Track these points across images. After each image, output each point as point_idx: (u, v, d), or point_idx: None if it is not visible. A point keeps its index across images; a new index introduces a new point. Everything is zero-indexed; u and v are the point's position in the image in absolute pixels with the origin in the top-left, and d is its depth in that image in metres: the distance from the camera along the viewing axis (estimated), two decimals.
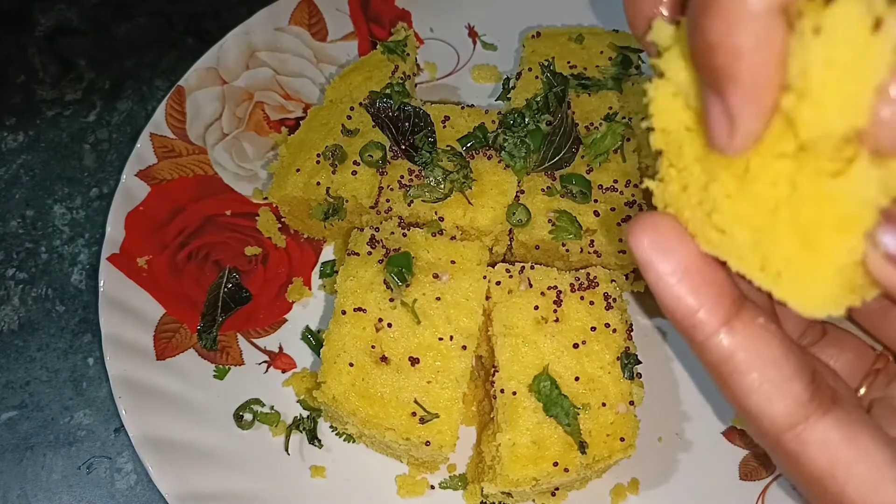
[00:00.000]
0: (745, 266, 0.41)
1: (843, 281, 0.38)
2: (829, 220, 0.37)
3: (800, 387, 0.41)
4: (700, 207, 0.42)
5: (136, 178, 0.91)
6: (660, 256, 0.42)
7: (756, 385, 0.41)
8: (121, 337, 0.82)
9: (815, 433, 0.41)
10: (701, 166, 0.42)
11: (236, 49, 1.01)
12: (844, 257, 0.38)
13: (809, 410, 0.41)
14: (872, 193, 0.36)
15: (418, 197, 0.83)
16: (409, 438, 0.72)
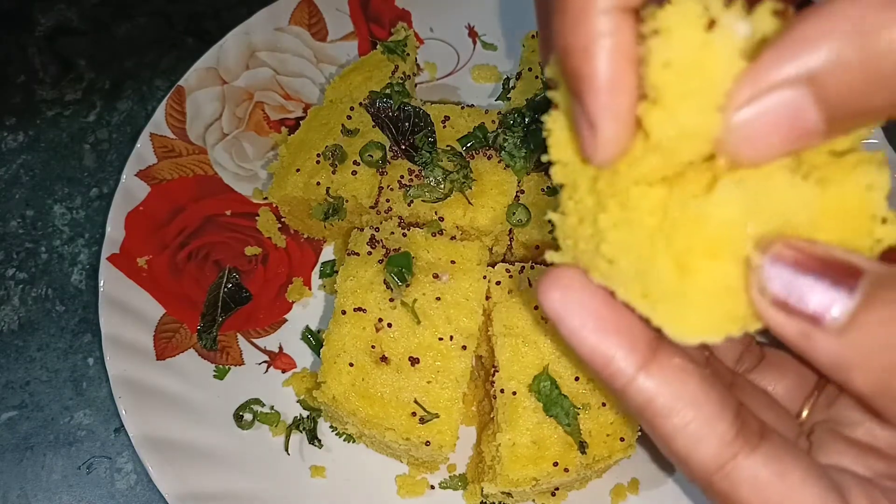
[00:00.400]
0: (630, 295, 0.40)
1: (719, 308, 0.38)
2: (700, 244, 0.37)
3: (724, 426, 0.40)
4: (592, 239, 0.42)
5: (136, 178, 0.91)
6: (570, 311, 0.42)
7: (680, 428, 0.41)
8: (121, 337, 0.82)
9: (743, 472, 0.40)
10: (592, 197, 0.42)
11: (236, 49, 1.01)
12: (716, 283, 0.37)
13: (736, 448, 0.40)
14: (737, 213, 0.36)
15: (418, 197, 0.83)
16: (409, 438, 0.72)
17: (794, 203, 0.37)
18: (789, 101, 0.34)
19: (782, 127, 0.35)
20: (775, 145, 0.35)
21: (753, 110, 0.35)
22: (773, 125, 0.35)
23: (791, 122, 0.35)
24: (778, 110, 0.34)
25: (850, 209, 0.38)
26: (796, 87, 0.34)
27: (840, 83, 0.33)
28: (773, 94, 0.34)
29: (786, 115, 0.34)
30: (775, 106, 0.34)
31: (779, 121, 0.35)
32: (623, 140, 0.38)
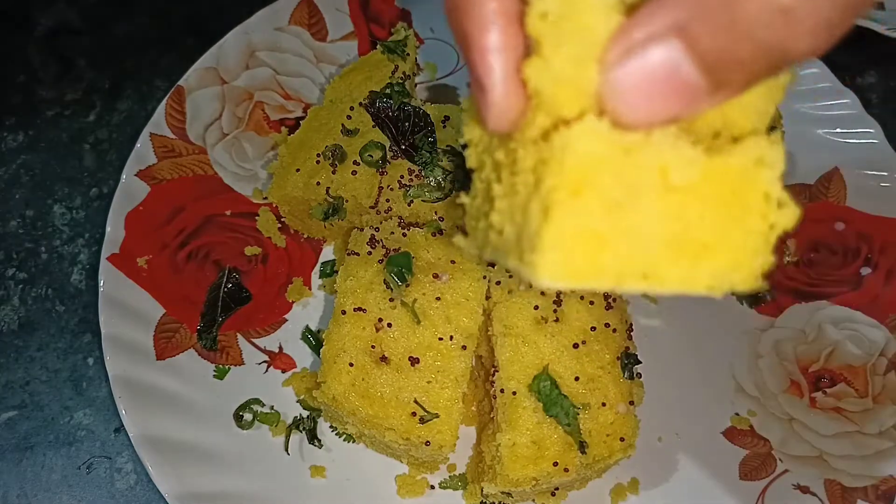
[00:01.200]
0: (510, 260, 0.39)
1: (582, 252, 0.36)
2: (561, 181, 0.35)
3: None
4: (486, 216, 0.41)
5: (136, 178, 0.91)
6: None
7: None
8: (120, 337, 0.82)
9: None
10: (494, 174, 0.41)
11: (236, 49, 1.01)
12: (575, 221, 0.35)
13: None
14: (600, 147, 0.35)
15: (418, 197, 0.83)
16: (409, 438, 0.72)
17: (673, 164, 0.35)
18: (664, 55, 0.33)
19: (661, 83, 0.34)
20: (657, 104, 0.34)
21: (629, 66, 0.34)
22: (651, 81, 0.34)
23: (668, 77, 0.34)
24: (653, 67, 0.34)
25: (737, 181, 0.36)
26: (668, 40, 0.33)
27: (708, 33, 0.32)
28: (646, 49, 0.34)
29: (662, 69, 0.34)
30: (650, 63, 0.34)
31: (655, 76, 0.34)
32: (513, 101, 0.37)
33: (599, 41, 0.35)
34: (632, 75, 0.34)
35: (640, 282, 0.36)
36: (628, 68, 0.34)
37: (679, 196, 0.35)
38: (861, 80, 1.09)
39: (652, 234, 0.36)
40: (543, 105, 0.36)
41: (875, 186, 0.96)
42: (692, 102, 0.35)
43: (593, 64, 0.35)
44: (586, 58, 0.35)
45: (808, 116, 1.00)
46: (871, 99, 1.06)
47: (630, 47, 0.34)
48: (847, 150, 0.99)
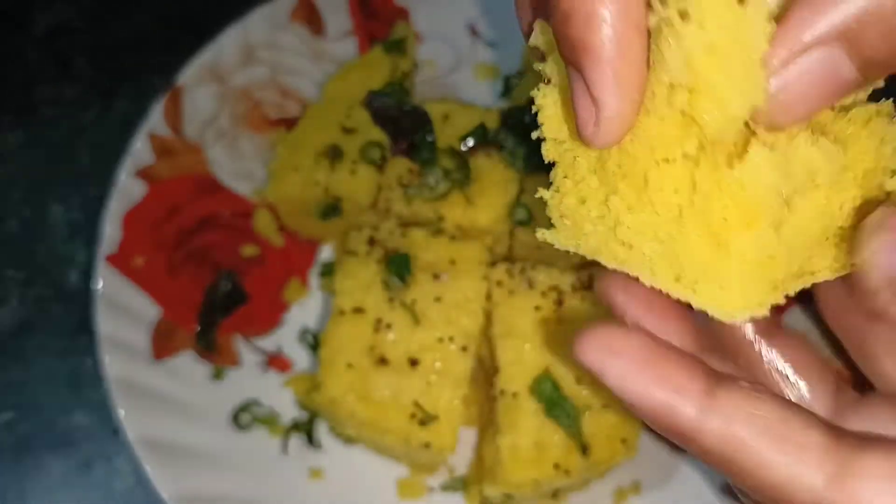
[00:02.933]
0: (659, 279, 0.38)
1: (762, 278, 0.36)
2: (734, 215, 0.35)
3: (818, 433, 0.35)
4: (602, 221, 0.40)
5: (134, 178, 0.91)
6: (612, 360, 0.37)
7: (768, 457, 0.35)
8: (118, 337, 0.82)
9: (864, 481, 0.34)
10: (598, 178, 0.40)
11: (234, 47, 1.00)
12: (757, 252, 0.35)
13: (845, 455, 0.34)
14: (772, 178, 0.34)
15: (417, 196, 0.82)
16: (409, 440, 0.72)
17: (819, 163, 0.35)
18: (825, 59, 0.33)
19: (820, 85, 0.33)
20: (813, 104, 0.34)
21: (790, 74, 0.33)
22: (811, 85, 0.33)
23: (828, 78, 0.33)
24: (814, 70, 0.33)
25: (868, 165, 0.38)
26: (830, 45, 0.33)
27: (873, 35, 0.32)
28: (807, 55, 0.33)
29: (822, 73, 0.33)
30: (811, 66, 0.33)
31: (815, 80, 0.33)
32: (630, 119, 0.35)
33: (757, 57, 0.34)
34: (794, 82, 0.33)
35: (798, 283, 0.38)
36: (789, 76, 0.33)
37: (823, 191, 0.36)
38: None
39: (807, 236, 0.37)
40: (694, 131, 0.36)
41: None
42: (846, 93, 0.34)
43: (756, 85, 0.34)
44: (753, 83, 0.34)
45: None
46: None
47: (791, 55, 0.33)
48: None
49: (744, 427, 0.35)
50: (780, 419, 0.35)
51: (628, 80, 0.34)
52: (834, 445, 0.35)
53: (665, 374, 0.37)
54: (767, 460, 0.35)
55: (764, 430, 0.35)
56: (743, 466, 0.36)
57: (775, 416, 0.36)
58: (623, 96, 0.34)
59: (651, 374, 0.37)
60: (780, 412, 0.36)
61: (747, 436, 0.35)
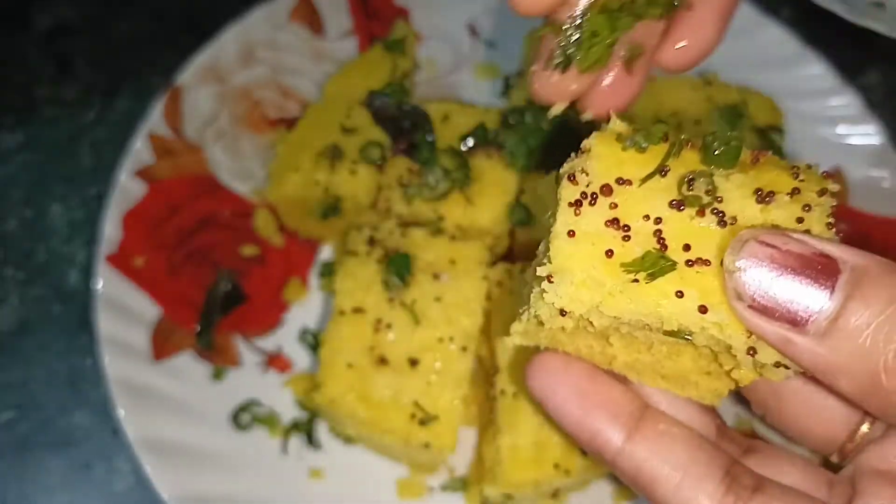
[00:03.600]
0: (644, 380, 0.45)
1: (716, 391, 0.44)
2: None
3: (713, 485, 0.40)
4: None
5: (134, 178, 0.91)
6: (552, 392, 0.43)
7: (670, 493, 0.41)
8: (118, 337, 0.82)
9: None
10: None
11: (234, 47, 1.00)
12: (713, 396, 0.44)
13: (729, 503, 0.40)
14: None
15: (417, 196, 0.82)
16: (409, 440, 0.72)
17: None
18: None
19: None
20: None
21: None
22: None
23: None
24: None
25: None
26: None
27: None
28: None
29: None
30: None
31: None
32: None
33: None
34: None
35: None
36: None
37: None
38: (863, 79, 1.09)
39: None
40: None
41: (877, 187, 0.96)
42: None
43: None
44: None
45: (810, 116, 0.99)
46: (873, 98, 1.05)
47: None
48: (849, 150, 0.98)
49: (654, 464, 0.41)
50: (688, 458, 0.41)
51: None
52: (727, 493, 0.40)
53: (598, 404, 0.43)
54: (669, 498, 0.41)
55: (670, 469, 0.41)
56: (651, 498, 0.42)
57: (685, 456, 0.41)
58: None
59: (584, 407, 0.43)
60: (689, 451, 0.41)
61: (656, 472, 0.41)
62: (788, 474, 0.45)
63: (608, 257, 0.38)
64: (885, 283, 0.34)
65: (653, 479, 0.41)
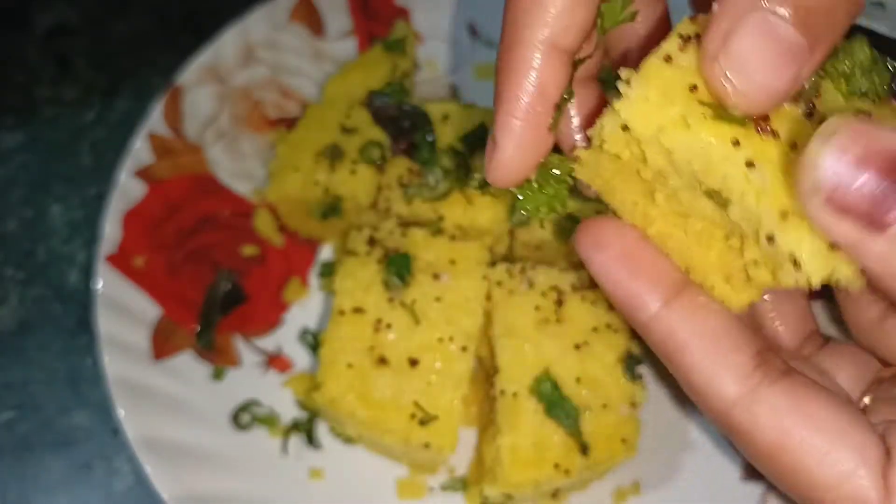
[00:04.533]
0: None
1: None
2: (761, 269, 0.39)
3: (743, 358, 0.40)
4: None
5: (134, 178, 0.91)
6: (599, 249, 0.43)
7: (698, 360, 0.40)
8: (118, 337, 0.82)
9: (762, 404, 0.39)
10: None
11: (234, 47, 1.00)
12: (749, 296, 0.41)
13: (756, 380, 0.39)
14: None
15: (418, 196, 0.82)
16: (409, 440, 0.72)
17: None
18: (760, 23, 0.34)
19: (765, 51, 0.35)
20: (769, 74, 0.35)
21: (732, 49, 0.35)
22: (757, 52, 0.35)
23: (771, 42, 0.34)
24: (754, 36, 0.34)
25: None
26: (761, 9, 0.34)
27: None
28: (742, 25, 0.35)
29: (762, 37, 0.34)
30: (750, 34, 0.35)
31: (758, 45, 0.35)
32: (519, 167, 0.41)
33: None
34: (736, 52, 0.35)
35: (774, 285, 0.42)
36: (732, 46, 0.35)
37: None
38: None
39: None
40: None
41: None
42: (798, 64, 0.35)
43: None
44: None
45: None
46: None
47: (727, 29, 0.35)
48: None
49: (686, 331, 0.41)
50: (714, 334, 0.40)
51: (524, 134, 0.40)
52: (756, 368, 0.40)
53: (639, 269, 0.42)
54: (695, 364, 0.40)
55: (702, 338, 0.40)
56: (678, 366, 0.41)
57: (719, 328, 0.41)
58: (517, 146, 0.40)
59: (628, 268, 0.42)
60: (724, 325, 0.41)
61: (687, 339, 0.41)
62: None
63: (690, 91, 0.38)
64: None
65: (683, 345, 0.40)
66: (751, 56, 0.35)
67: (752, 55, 0.35)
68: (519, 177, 0.42)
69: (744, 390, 0.39)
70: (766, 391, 0.39)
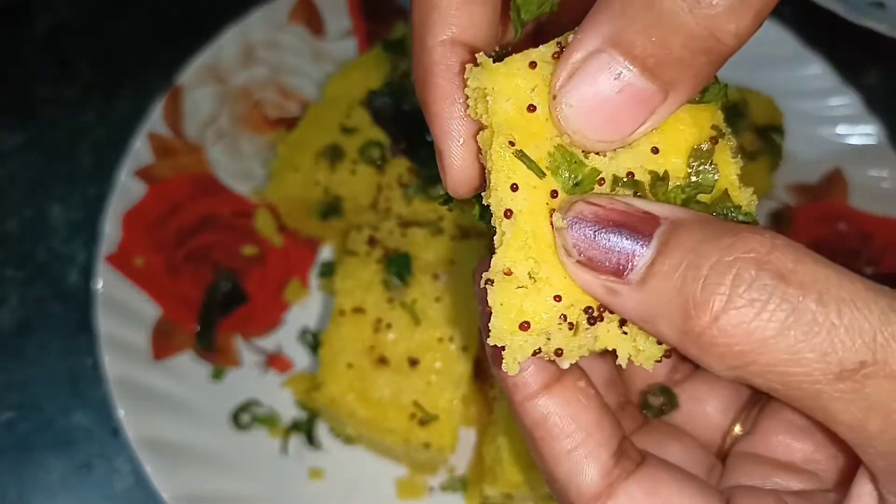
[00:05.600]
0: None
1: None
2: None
3: (607, 454, 0.40)
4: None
5: (134, 178, 0.91)
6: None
7: (566, 452, 0.41)
8: (118, 337, 0.82)
9: (619, 498, 0.40)
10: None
11: (235, 47, 1.00)
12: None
13: (613, 477, 0.40)
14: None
15: (417, 196, 0.83)
16: (409, 440, 0.72)
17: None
18: (606, 70, 0.35)
19: (614, 99, 0.35)
20: (619, 120, 0.36)
21: (577, 91, 0.36)
22: (603, 99, 0.35)
23: (619, 90, 0.35)
24: (600, 83, 0.35)
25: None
26: (605, 54, 0.35)
27: (638, 35, 0.34)
28: (588, 68, 0.35)
29: (609, 85, 0.35)
30: (596, 80, 0.35)
31: (605, 93, 0.35)
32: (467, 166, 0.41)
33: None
34: (583, 99, 0.36)
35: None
36: (577, 93, 0.36)
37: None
38: (863, 79, 1.09)
39: None
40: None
41: (877, 186, 0.96)
42: (649, 110, 0.36)
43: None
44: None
45: (810, 116, 0.99)
46: (873, 98, 1.05)
47: (572, 71, 0.36)
48: (849, 150, 0.98)
49: (559, 419, 0.41)
50: (587, 427, 0.41)
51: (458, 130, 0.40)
52: (612, 467, 0.40)
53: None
54: (559, 458, 0.41)
55: (573, 431, 0.41)
56: (542, 453, 0.41)
57: (586, 422, 0.41)
58: (452, 143, 0.40)
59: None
60: (592, 420, 0.41)
61: (555, 427, 0.41)
62: (674, 451, 0.46)
63: (527, 110, 0.39)
64: (698, 228, 0.35)
65: (553, 434, 0.41)
66: (595, 104, 0.36)
67: (597, 103, 0.36)
68: (472, 182, 0.42)
69: (602, 486, 0.40)
70: (622, 486, 0.40)
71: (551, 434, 0.41)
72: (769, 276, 0.32)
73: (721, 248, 0.33)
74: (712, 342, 0.34)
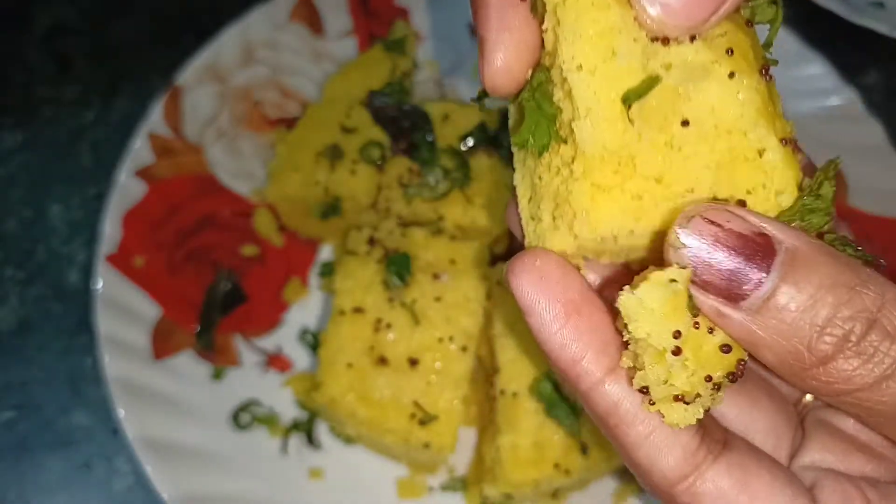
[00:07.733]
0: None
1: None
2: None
3: (688, 436, 0.39)
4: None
5: (134, 178, 0.91)
6: (542, 301, 0.39)
7: (643, 437, 0.39)
8: (118, 337, 0.82)
9: (706, 483, 0.39)
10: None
11: (234, 47, 1.00)
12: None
13: (699, 459, 0.39)
14: None
15: (417, 195, 0.83)
16: (409, 440, 0.72)
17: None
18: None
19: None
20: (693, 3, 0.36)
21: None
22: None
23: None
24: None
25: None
26: None
27: None
28: None
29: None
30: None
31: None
32: (509, 60, 0.39)
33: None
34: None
35: None
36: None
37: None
38: (863, 79, 1.09)
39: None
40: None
41: (877, 186, 0.96)
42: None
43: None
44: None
45: (810, 115, 0.99)
46: (873, 98, 1.05)
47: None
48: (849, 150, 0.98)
49: (629, 406, 0.39)
50: None
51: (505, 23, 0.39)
52: (696, 448, 0.39)
53: (585, 333, 0.39)
54: (637, 443, 0.39)
55: (647, 414, 0.39)
56: (618, 439, 0.40)
57: None
58: (505, 48, 0.39)
59: (573, 330, 0.39)
60: None
61: (627, 414, 0.39)
62: (758, 420, 0.45)
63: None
64: (816, 266, 0.35)
65: (627, 420, 0.39)
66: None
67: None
68: (514, 79, 0.40)
69: (687, 469, 0.39)
70: (708, 472, 0.39)
71: (625, 421, 0.39)
72: (877, 333, 0.35)
73: (838, 301, 0.35)
74: (815, 378, 0.36)
